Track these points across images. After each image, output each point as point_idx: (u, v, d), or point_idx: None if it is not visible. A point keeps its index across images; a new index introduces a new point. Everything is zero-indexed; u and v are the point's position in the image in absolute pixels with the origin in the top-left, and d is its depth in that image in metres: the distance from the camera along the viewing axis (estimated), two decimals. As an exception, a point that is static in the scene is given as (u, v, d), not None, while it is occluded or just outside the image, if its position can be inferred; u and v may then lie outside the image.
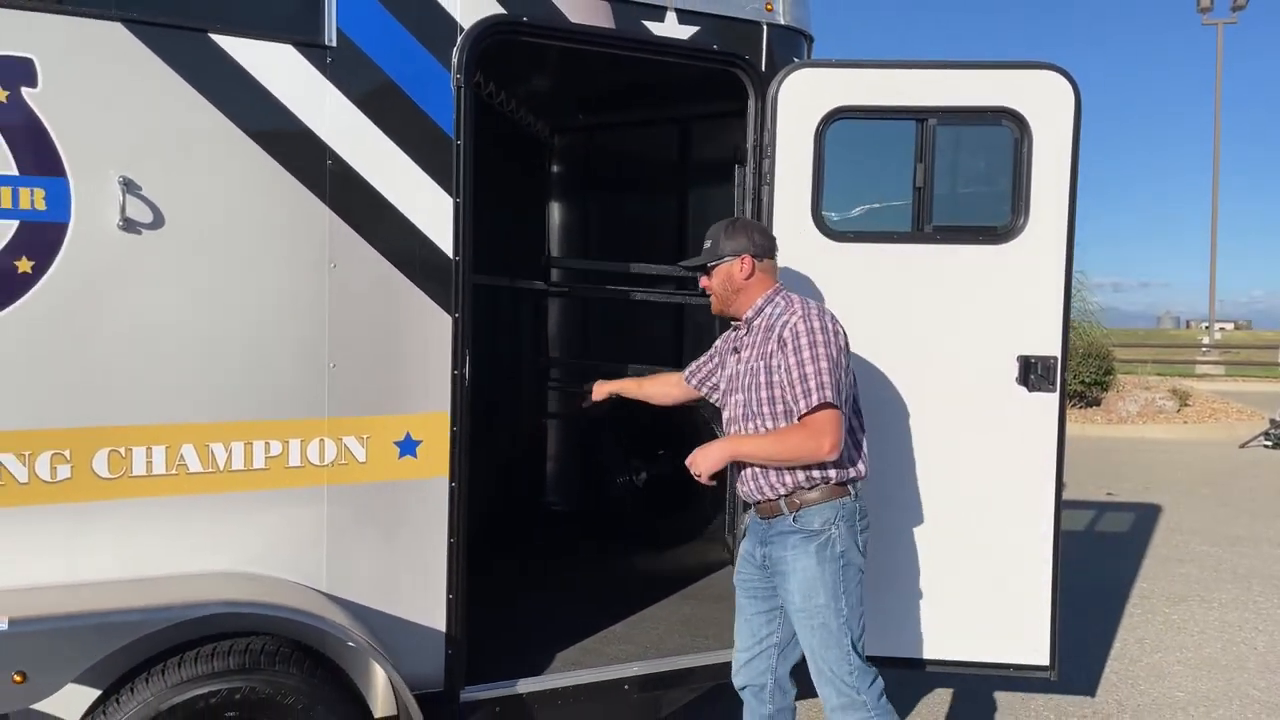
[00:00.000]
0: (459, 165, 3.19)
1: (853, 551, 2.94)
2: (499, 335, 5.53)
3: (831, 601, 2.91)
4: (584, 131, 5.97)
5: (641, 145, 5.89)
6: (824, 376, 2.81)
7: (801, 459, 2.88)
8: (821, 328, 2.89)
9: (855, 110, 3.58)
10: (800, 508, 2.94)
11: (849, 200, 3.73)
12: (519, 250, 5.66)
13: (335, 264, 3.04)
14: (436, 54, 3.14)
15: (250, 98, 2.90)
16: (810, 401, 2.81)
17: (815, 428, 2.82)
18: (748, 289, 3.06)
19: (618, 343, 5.75)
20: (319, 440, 3.05)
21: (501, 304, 5.50)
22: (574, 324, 6.08)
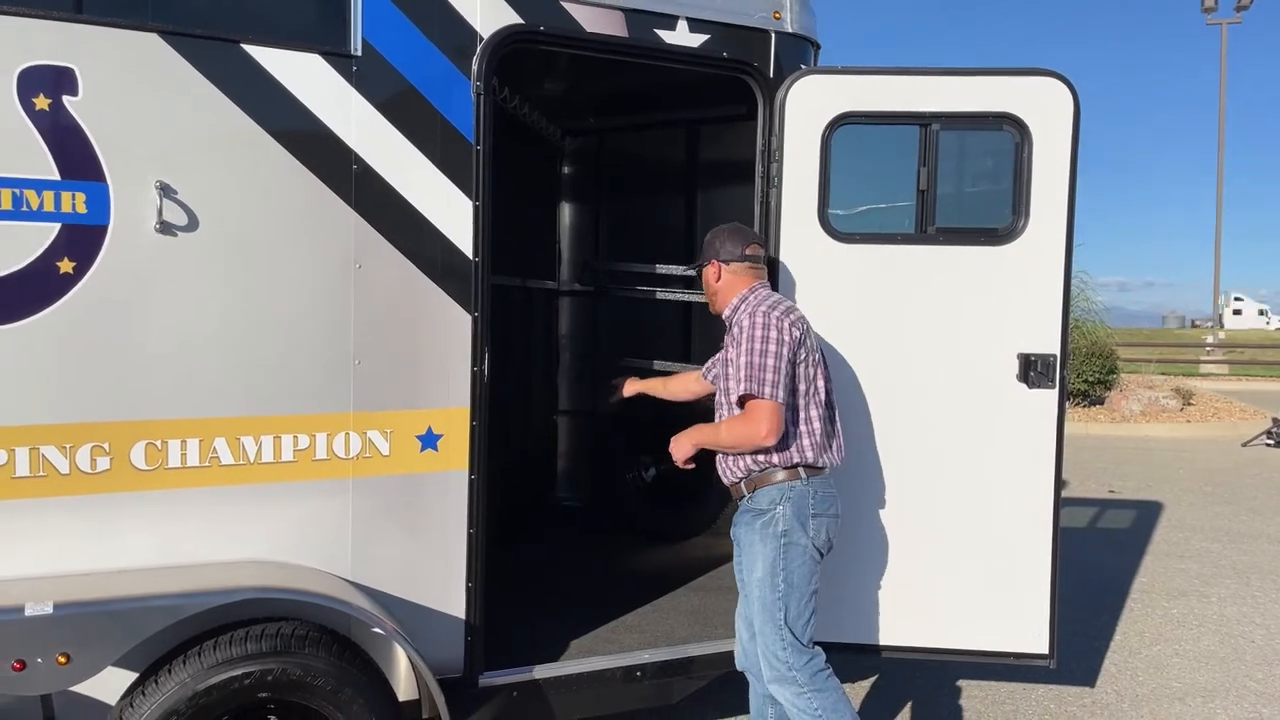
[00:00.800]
0: (479, 169, 3.31)
1: (797, 532, 3.10)
2: (513, 333, 5.65)
3: (768, 577, 3.10)
4: (598, 134, 6.09)
5: (656, 147, 6.00)
6: (760, 372, 3.02)
7: (743, 445, 3.09)
8: (764, 323, 3.07)
9: (860, 115, 3.70)
10: (755, 489, 3.16)
11: (854, 203, 3.84)
12: (533, 251, 5.78)
13: (360, 264, 3.16)
14: (457, 62, 3.26)
15: (279, 105, 3.03)
16: (745, 389, 3.02)
17: (750, 415, 3.04)
18: (722, 291, 3.31)
19: (630, 340, 5.87)
20: (344, 434, 3.18)
21: (515, 303, 5.62)
22: (586, 322, 6.20)
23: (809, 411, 3.16)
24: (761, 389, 3.01)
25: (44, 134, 2.77)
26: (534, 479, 5.94)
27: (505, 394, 5.56)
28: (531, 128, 5.62)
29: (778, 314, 3.10)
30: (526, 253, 5.72)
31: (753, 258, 3.32)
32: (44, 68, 2.76)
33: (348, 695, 2.89)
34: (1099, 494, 10.09)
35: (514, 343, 5.73)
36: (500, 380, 5.48)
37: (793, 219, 3.71)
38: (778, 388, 3.02)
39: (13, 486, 2.80)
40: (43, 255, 2.79)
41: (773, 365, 3.02)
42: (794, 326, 3.11)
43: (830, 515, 3.17)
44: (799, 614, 3.10)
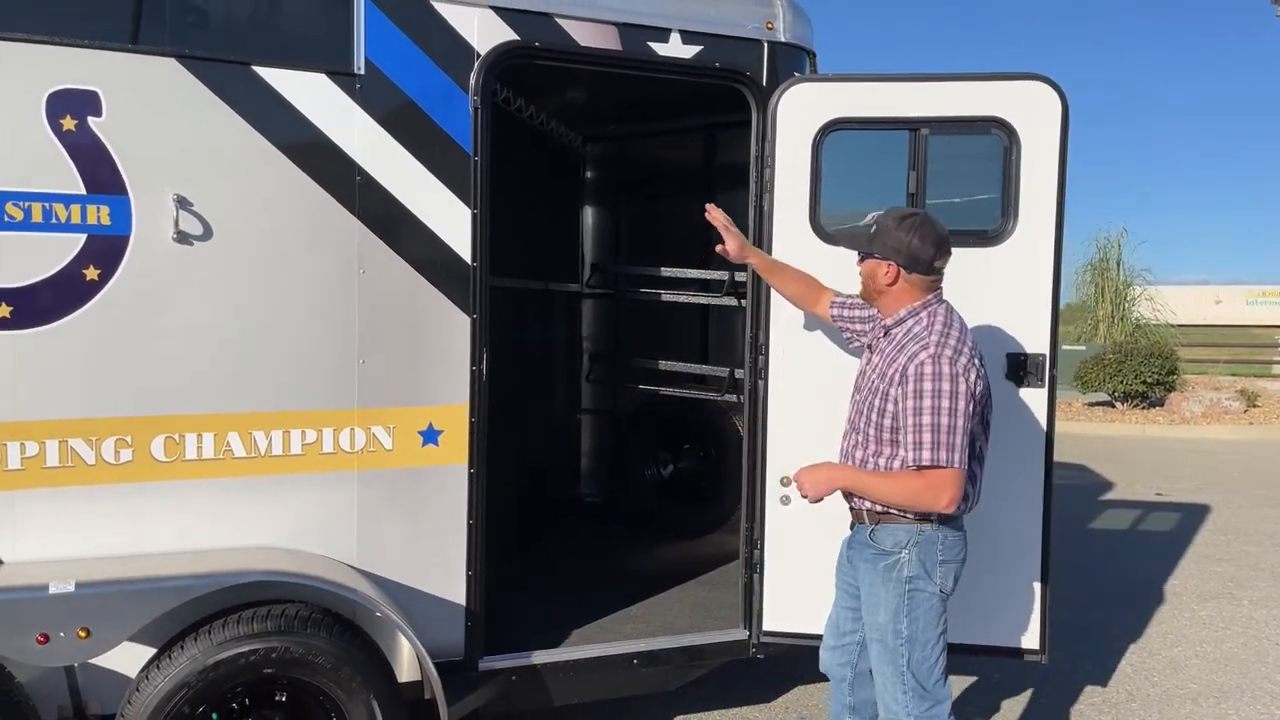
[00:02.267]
0: (477, 179, 3.49)
1: (923, 580, 2.88)
2: (534, 335, 5.85)
3: (890, 622, 2.90)
4: (616, 140, 6.25)
5: (675, 152, 6.14)
6: (948, 435, 2.71)
7: (914, 509, 2.85)
8: (950, 374, 2.73)
9: (851, 122, 3.80)
10: (878, 522, 2.93)
11: (845, 207, 3.94)
12: (554, 254, 5.97)
13: (364, 270, 3.37)
14: (455, 78, 3.45)
15: (287, 121, 3.24)
16: (930, 457, 2.72)
17: (934, 482, 2.74)
18: (891, 295, 2.94)
19: (650, 342, 6.01)
20: (350, 429, 3.38)
21: (536, 306, 5.81)
22: (608, 324, 6.36)
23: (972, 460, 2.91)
24: (951, 456, 2.71)
25: (71, 152, 3.02)
26: (558, 476, 6.12)
27: (529, 393, 5.77)
28: (552, 136, 5.80)
29: (964, 361, 2.77)
30: (549, 257, 5.91)
31: (941, 270, 2.94)
32: (70, 91, 3.01)
33: (347, 673, 3.09)
34: (1146, 496, 9.94)
35: (538, 344, 5.92)
36: (524, 380, 5.73)
37: (785, 223, 3.82)
38: (963, 453, 2.75)
39: (44, 475, 3.05)
40: (70, 263, 3.04)
41: (961, 427, 2.72)
42: (979, 378, 2.82)
43: (958, 561, 2.95)
44: (922, 659, 2.90)
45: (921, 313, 2.87)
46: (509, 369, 5.51)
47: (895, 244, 2.87)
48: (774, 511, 3.88)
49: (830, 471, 2.98)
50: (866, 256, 2.98)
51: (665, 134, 5.98)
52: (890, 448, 2.89)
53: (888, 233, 2.89)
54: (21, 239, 2.98)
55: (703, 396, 5.45)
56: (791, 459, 3.83)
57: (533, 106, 5.38)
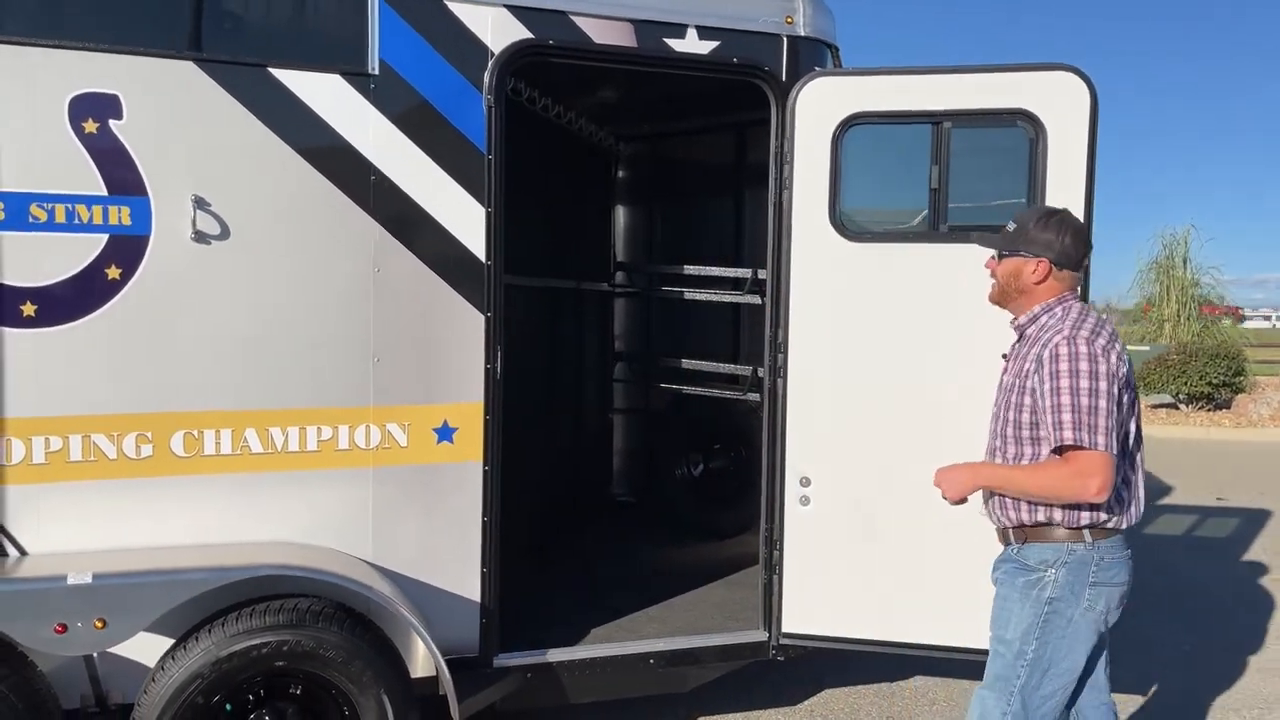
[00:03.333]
0: (491, 178, 3.50)
1: (1067, 602, 2.64)
2: (565, 334, 5.86)
3: (1017, 641, 2.68)
4: (649, 139, 6.24)
5: (708, 151, 6.11)
6: (1090, 416, 2.49)
7: (1060, 499, 2.60)
8: (1089, 354, 2.54)
9: (871, 116, 3.73)
10: (1026, 540, 2.71)
11: (866, 202, 3.87)
12: (586, 253, 5.98)
13: (379, 268, 3.40)
14: (469, 77, 3.47)
15: (303, 122, 3.29)
16: (1073, 436, 2.50)
17: (1081, 467, 2.51)
18: (1033, 293, 2.75)
19: (681, 341, 5.99)
20: (365, 426, 3.42)
21: (567, 305, 5.82)
22: (638, 323, 6.35)
23: (1123, 461, 2.64)
24: (1094, 437, 2.48)
25: (93, 154, 3.10)
26: (589, 475, 6.13)
27: (560, 392, 5.79)
28: (583, 135, 5.81)
29: (1103, 341, 2.58)
30: (581, 256, 5.92)
31: (1085, 268, 2.83)
32: (92, 95, 3.09)
33: (358, 668, 3.12)
34: (1206, 501, 9.62)
35: (569, 343, 5.94)
36: (554, 379, 5.75)
37: (804, 219, 3.77)
38: (1110, 435, 2.51)
39: (68, 470, 3.14)
40: (93, 263, 3.12)
41: (1105, 408, 2.50)
42: (1120, 360, 2.59)
43: (1116, 584, 2.67)
44: (1036, 685, 2.66)
45: (1056, 307, 2.72)
46: (539, 368, 5.55)
47: (1045, 242, 2.71)
48: (793, 512, 3.84)
49: (968, 470, 2.77)
50: (1007, 255, 2.80)
51: (697, 132, 5.95)
52: (1032, 447, 2.66)
53: (1033, 231, 2.74)
54: (45, 239, 3.07)
55: (726, 396, 5.41)
56: (811, 459, 3.81)
57: (561, 106, 5.38)
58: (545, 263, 5.45)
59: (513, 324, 5.08)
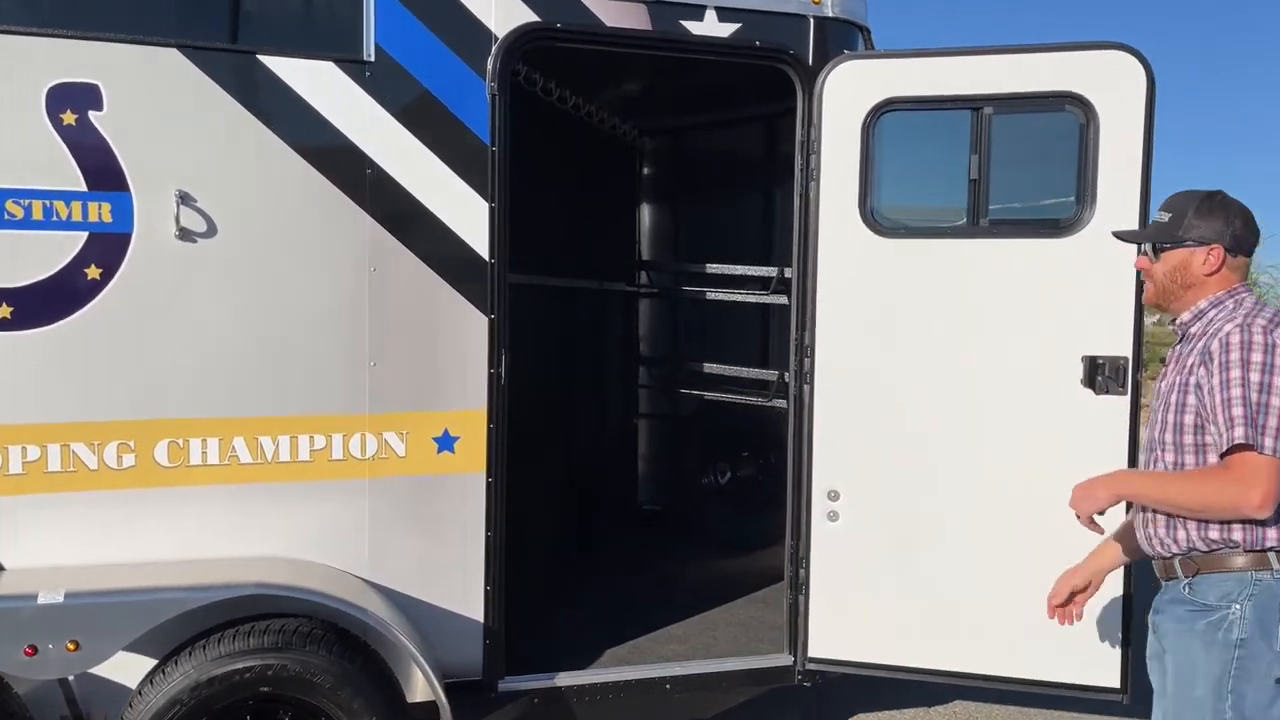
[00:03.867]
0: (494, 171, 3.29)
1: (1258, 643, 2.22)
2: (587, 336, 5.63)
3: (1209, 698, 2.25)
4: (673, 133, 6.00)
5: (736, 143, 5.85)
6: (1261, 414, 2.15)
7: (1215, 511, 2.23)
8: (1265, 343, 2.20)
9: (905, 101, 3.46)
10: (1196, 572, 2.30)
11: (900, 195, 3.60)
12: (607, 252, 5.74)
13: (375, 268, 3.20)
14: (471, 63, 3.25)
15: (294, 113, 3.10)
16: (1243, 435, 2.14)
17: (1240, 473, 2.15)
18: (1202, 286, 2.39)
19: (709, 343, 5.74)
20: (360, 435, 3.22)
21: (585, 306, 5.60)
22: (665, 325, 6.11)
23: None
24: (1262, 439, 2.13)
25: (72, 148, 2.93)
26: (613, 482, 5.90)
27: (581, 397, 5.57)
28: (605, 130, 5.58)
29: None
30: (605, 255, 5.69)
31: (1252, 254, 2.48)
32: (70, 85, 2.92)
33: (347, 695, 2.92)
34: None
35: (591, 345, 5.71)
36: (576, 383, 5.53)
37: (832, 213, 3.51)
38: None
39: (46, 480, 2.97)
40: (72, 262, 2.95)
41: (1270, 401, 2.16)
42: None
43: None
44: None
45: (1226, 300, 2.37)
46: (561, 371, 5.33)
47: (1214, 228, 2.37)
48: (820, 528, 3.57)
49: (1106, 484, 2.39)
50: (1168, 247, 2.43)
51: (725, 124, 5.69)
52: (1195, 455, 2.30)
53: (1199, 216, 2.39)
54: (22, 237, 2.91)
55: (753, 402, 5.14)
56: (840, 472, 3.55)
57: (581, 98, 5.16)
58: (567, 262, 5.23)
59: (532, 325, 4.92)
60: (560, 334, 5.29)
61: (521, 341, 4.49)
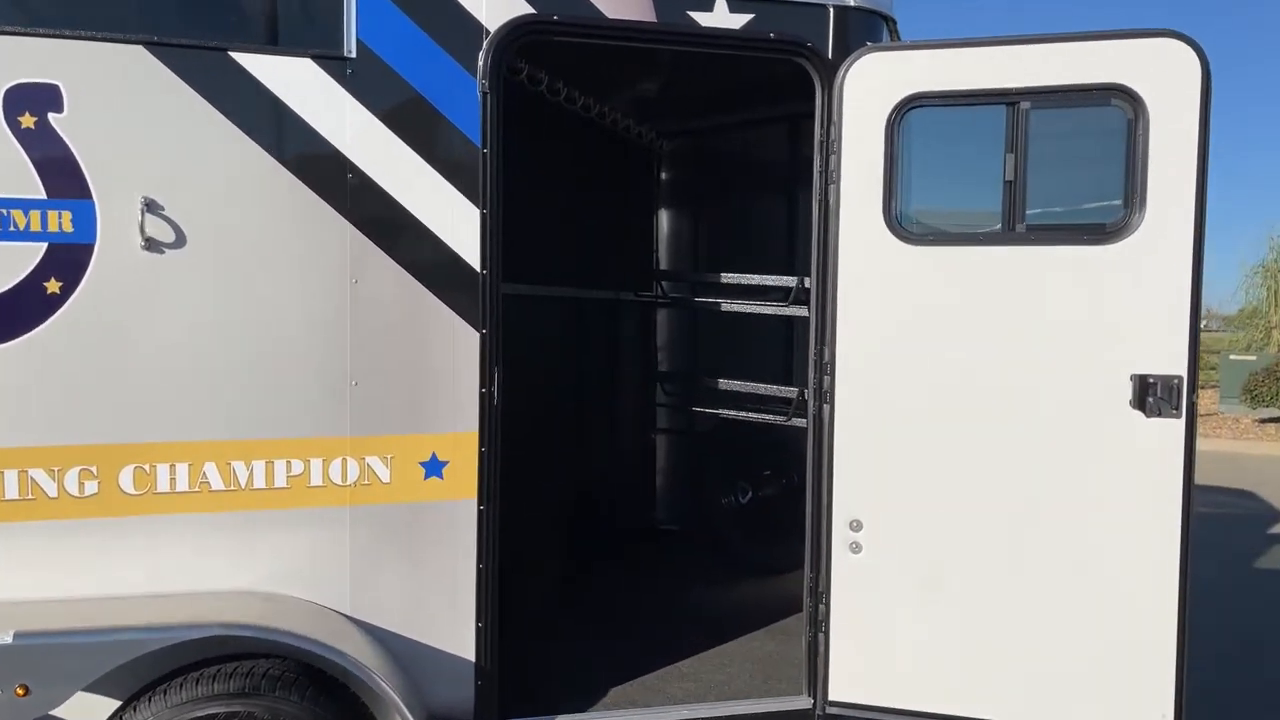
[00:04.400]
0: (487, 175, 3.05)
1: None
2: (600, 348, 5.39)
3: None
4: (693, 135, 5.73)
5: (759, 146, 5.58)
6: None
7: None
8: None
9: (933, 96, 3.18)
10: None
11: (928, 198, 3.32)
12: (622, 262, 5.49)
13: (357, 279, 2.98)
14: (461, 59, 3.02)
15: (269, 113, 2.89)
16: None
17: None
18: None
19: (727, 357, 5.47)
20: (341, 459, 2.99)
21: (599, 317, 5.35)
22: (683, 337, 5.84)
23: None
24: None
25: (30, 153, 2.74)
26: (628, 501, 5.64)
27: (594, 411, 5.32)
28: (620, 132, 5.33)
29: None
30: (620, 264, 5.44)
31: None
32: (29, 85, 2.73)
33: (319, 743, 2.68)
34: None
35: (605, 358, 5.46)
36: (588, 397, 5.29)
37: (853, 219, 3.23)
38: None
39: (2, 509, 2.77)
40: (30, 275, 2.75)
41: None
42: None
43: None
44: None
45: None
46: (574, 384, 5.10)
47: None
48: (842, 560, 3.29)
49: None
50: None
51: (747, 126, 5.43)
52: None
53: None
54: (-24, 249, 2.71)
55: (774, 420, 4.85)
56: (863, 499, 3.27)
57: (593, 99, 4.91)
58: (579, 272, 5.00)
59: (543, 338, 4.69)
60: (573, 346, 5.05)
61: (531, 355, 4.29)
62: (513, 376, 3.20)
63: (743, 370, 5.10)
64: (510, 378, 3.16)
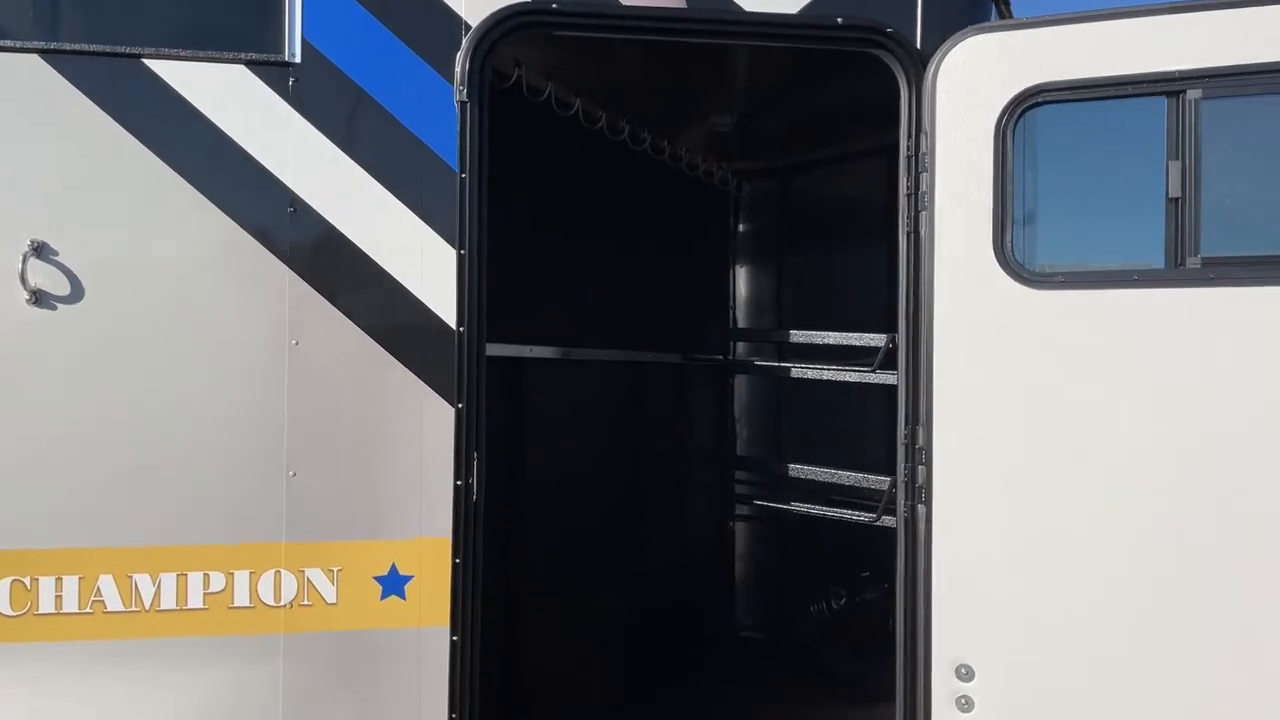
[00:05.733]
0: (466, 206, 2.39)
1: None
2: (665, 421, 4.61)
3: None
4: (778, 174, 4.96)
5: (856, 185, 4.77)
6: None
7: None
8: None
9: (1061, 88, 2.35)
10: None
11: (1055, 226, 2.47)
12: (691, 319, 4.72)
13: (298, 340, 2.34)
14: (433, 61, 2.40)
15: (191, 133, 2.33)
16: None
17: None
18: None
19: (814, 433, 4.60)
20: (274, 573, 2.34)
21: (665, 384, 4.58)
22: (763, 407, 4.99)
23: None
24: None
25: (-105, 187, 2.22)
26: (703, 600, 4.80)
27: (665, 495, 4.54)
28: (693, 175, 4.62)
29: None
30: (691, 323, 4.68)
31: None
32: (-103, 106, 2.22)
33: None
34: None
35: (677, 432, 4.68)
36: (657, 477, 4.51)
37: (954, 254, 2.42)
38: None
39: None
40: (-110, 338, 2.22)
41: None
42: None
43: None
44: None
45: None
46: (629, 465, 4.33)
47: None
48: (945, 717, 2.40)
49: None
50: None
51: (842, 160, 4.63)
52: None
53: None
54: None
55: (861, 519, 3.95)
56: (972, 636, 2.40)
57: (662, 137, 4.21)
58: (643, 332, 4.27)
59: (595, 408, 3.98)
60: (632, 419, 4.31)
61: (581, 428, 3.68)
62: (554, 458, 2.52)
63: (830, 450, 4.23)
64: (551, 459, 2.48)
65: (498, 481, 2.62)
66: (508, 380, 3.13)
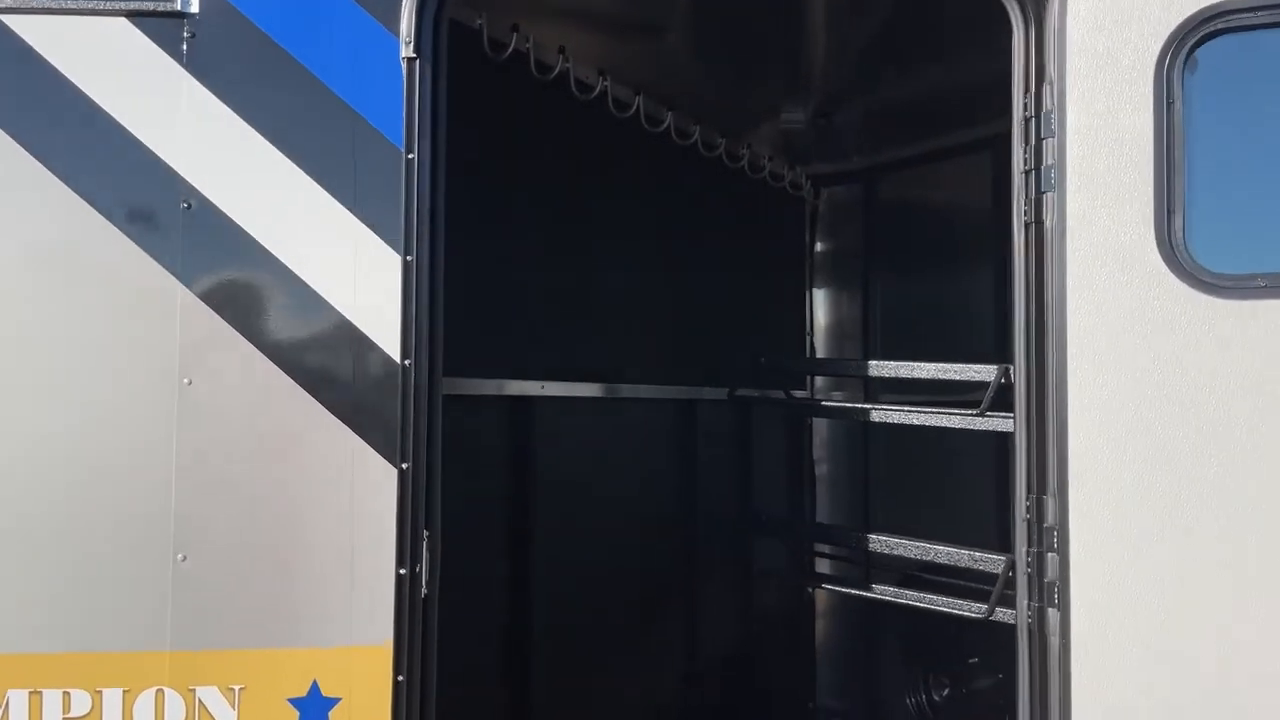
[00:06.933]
0: (415, 196, 1.78)
1: None
2: (735, 467, 3.92)
3: None
4: (860, 178, 4.24)
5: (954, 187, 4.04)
6: None
7: None
8: None
9: (1255, 6, 1.63)
10: None
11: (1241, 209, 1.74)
12: (767, 350, 4.02)
13: (190, 379, 1.77)
14: (373, 9, 1.80)
15: (55, 106, 1.78)
16: None
17: None
18: None
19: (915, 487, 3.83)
20: (154, 691, 1.76)
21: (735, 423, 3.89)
22: (854, 451, 4.23)
23: None
24: None
25: None
26: (778, 678, 4.06)
27: (732, 555, 3.84)
28: (759, 180, 3.95)
29: None
30: (755, 353, 3.98)
31: None
32: None
33: None
34: None
35: (737, 480, 3.97)
36: (725, 533, 3.82)
37: (1096, 249, 1.70)
38: None
39: None
40: None
41: None
42: None
43: None
44: None
45: None
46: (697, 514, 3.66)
47: None
48: None
49: None
50: None
51: (937, 158, 3.91)
52: None
53: None
54: None
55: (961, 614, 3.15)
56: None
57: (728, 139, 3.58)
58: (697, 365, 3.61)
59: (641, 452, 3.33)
60: (691, 463, 3.64)
61: (627, 473, 3.22)
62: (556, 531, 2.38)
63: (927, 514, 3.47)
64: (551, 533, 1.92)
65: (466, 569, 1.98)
66: (486, 428, 2.50)
